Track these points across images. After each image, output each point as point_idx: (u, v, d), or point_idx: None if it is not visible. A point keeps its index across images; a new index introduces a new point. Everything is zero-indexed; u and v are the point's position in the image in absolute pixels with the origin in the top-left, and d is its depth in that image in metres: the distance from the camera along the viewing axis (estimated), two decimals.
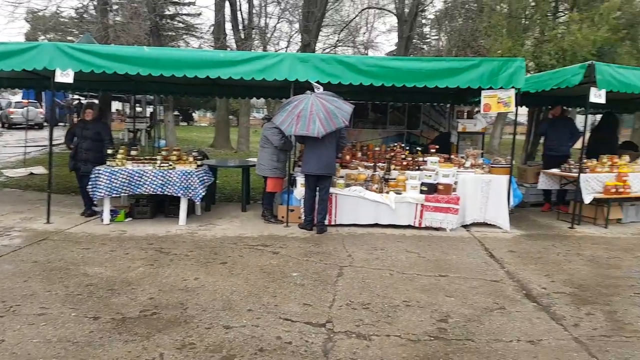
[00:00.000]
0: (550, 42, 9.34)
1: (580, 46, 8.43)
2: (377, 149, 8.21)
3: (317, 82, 6.36)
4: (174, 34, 21.67)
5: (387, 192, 6.73)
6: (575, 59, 8.53)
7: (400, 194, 6.71)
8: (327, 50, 22.46)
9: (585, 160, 7.36)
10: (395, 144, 8.31)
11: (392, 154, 7.80)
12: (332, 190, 6.55)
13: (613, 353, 3.30)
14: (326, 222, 6.54)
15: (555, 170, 7.78)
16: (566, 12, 10.49)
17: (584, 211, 7.34)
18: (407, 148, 8.16)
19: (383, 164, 7.31)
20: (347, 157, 7.53)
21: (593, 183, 7.17)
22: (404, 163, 7.40)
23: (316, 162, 6.20)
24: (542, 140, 9.54)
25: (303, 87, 6.56)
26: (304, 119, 5.97)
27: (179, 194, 6.53)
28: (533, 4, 10.32)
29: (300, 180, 6.74)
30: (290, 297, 4.14)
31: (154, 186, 6.48)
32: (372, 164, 7.35)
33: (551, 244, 6.19)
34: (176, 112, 30.22)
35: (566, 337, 3.56)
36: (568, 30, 9.06)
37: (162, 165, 6.58)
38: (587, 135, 8.16)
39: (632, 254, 5.77)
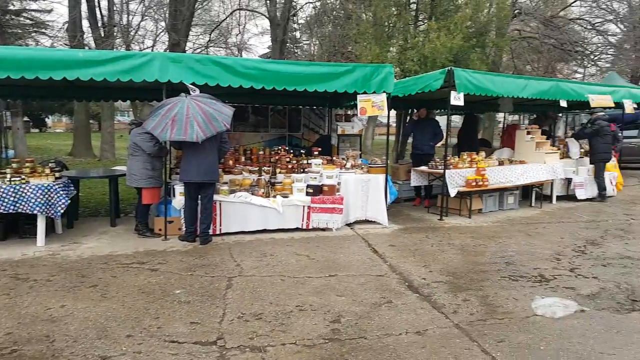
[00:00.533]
0: (413, 49, 10.13)
1: (439, 53, 9.26)
2: (261, 152, 8.08)
3: (193, 83, 6.01)
4: (20, 31, 19.07)
5: (274, 196, 6.63)
6: (435, 65, 9.35)
7: (287, 197, 6.66)
8: (198, 50, 21.69)
9: (448, 157, 8.07)
10: (279, 147, 8.27)
11: (277, 157, 7.74)
12: (215, 197, 6.25)
13: (490, 336, 3.59)
14: (210, 231, 6.22)
15: (423, 168, 8.42)
16: (425, 21, 11.47)
17: (450, 204, 8.04)
18: (291, 151, 8.17)
19: (268, 168, 7.20)
20: (231, 162, 7.28)
21: (456, 178, 7.89)
22: (289, 166, 7.38)
23: (196, 168, 5.85)
24: (410, 140, 10.26)
25: (177, 90, 6.15)
26: (179, 123, 5.58)
27: (36, 212, 5.69)
28: (396, 12, 11.09)
29: (179, 189, 6.32)
30: (175, 317, 3.82)
31: (4, 204, 5.56)
32: (257, 168, 7.20)
33: (425, 236, 6.65)
34: (26, 118, 26.70)
35: (448, 324, 3.79)
36: (428, 38, 9.90)
37: (13, 179, 5.67)
38: (457, 134, 8.96)
39: (494, 241, 6.44)
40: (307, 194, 6.76)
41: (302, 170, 7.27)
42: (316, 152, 7.73)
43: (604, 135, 9.52)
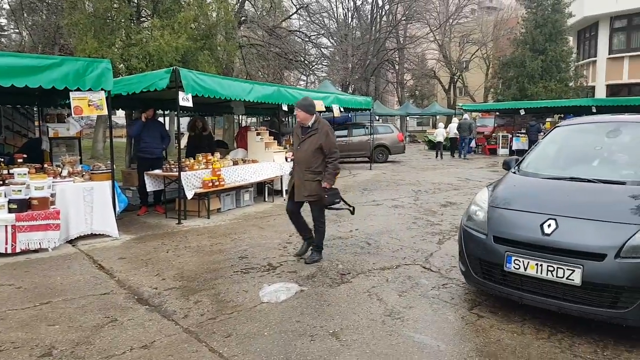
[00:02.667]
0: (137, 45, 9.55)
1: (164, 52, 8.98)
2: None
3: None
4: None
5: None
6: (162, 63, 9.04)
7: None
8: None
9: (183, 160, 7.92)
10: None
11: None
12: None
13: (219, 333, 3.59)
14: None
15: (157, 171, 8.05)
16: (148, 18, 10.97)
17: (189, 206, 7.92)
18: None
19: None
20: None
21: (193, 180, 7.81)
22: None
23: None
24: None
25: None
26: None
27: None
28: (116, 6, 10.27)
29: None
30: None
31: None
32: None
33: (161, 243, 6.35)
34: None
35: (177, 331, 3.64)
36: (152, 35, 9.48)
37: None
38: (186, 136, 8.78)
39: (230, 238, 6.60)
40: (10, 210, 5.60)
41: (1, 182, 5.97)
42: (20, 160, 6.47)
43: None
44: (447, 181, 12.42)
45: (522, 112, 20.89)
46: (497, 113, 24.44)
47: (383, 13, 33.70)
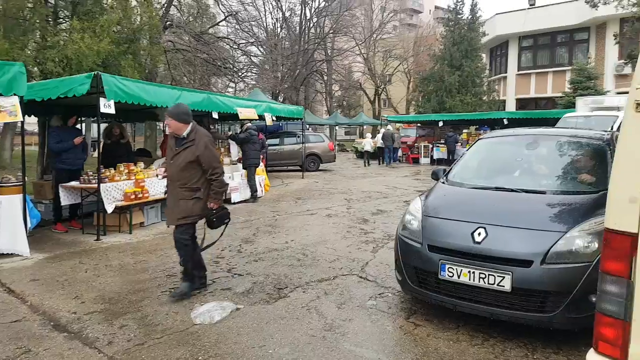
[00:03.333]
0: (54, 48, 8.84)
1: (84, 55, 8.38)
2: None
3: None
4: None
5: None
6: (82, 68, 8.43)
7: None
8: None
9: (103, 170, 7.39)
10: None
11: None
12: None
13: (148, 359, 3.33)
14: None
15: (74, 183, 7.43)
16: (67, 20, 10.22)
17: (108, 220, 7.37)
18: None
19: None
20: None
21: (113, 192, 7.30)
22: None
23: None
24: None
25: None
26: None
27: None
28: (30, 5, 9.46)
29: None
30: None
31: None
32: None
33: (78, 262, 5.83)
34: None
35: (101, 359, 3.33)
36: (71, 38, 8.83)
37: None
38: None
39: (156, 255, 6.22)
40: None
41: None
42: None
43: (253, 142, 10.82)
44: (377, 189, 12.71)
45: (441, 124, 22.03)
46: (419, 124, 25.60)
47: (311, 25, 34.18)
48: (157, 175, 8.32)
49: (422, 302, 4.31)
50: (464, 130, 22.81)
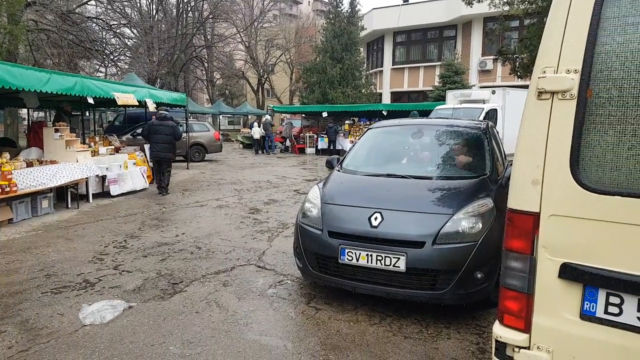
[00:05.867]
0: None
1: None
2: None
3: None
4: None
5: None
6: None
7: None
8: None
9: None
10: None
11: None
12: None
13: None
14: None
15: None
16: None
17: None
18: None
19: None
20: None
21: None
22: None
23: None
24: None
25: None
26: None
27: None
28: None
29: None
30: None
31: None
32: None
33: None
34: None
35: None
36: None
37: None
38: None
39: (31, 253, 5.52)
40: None
41: None
42: None
43: (156, 134, 9.83)
44: (266, 179, 12.68)
45: (325, 115, 22.72)
46: (304, 115, 26.05)
47: (189, 9, 32.62)
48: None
49: (321, 287, 4.43)
50: (346, 122, 23.77)
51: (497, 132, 5.85)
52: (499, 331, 1.92)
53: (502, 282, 1.92)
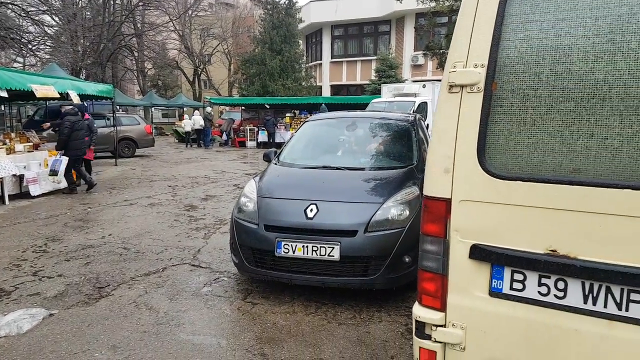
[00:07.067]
0: None
1: None
2: None
3: None
4: None
5: None
6: None
7: None
8: None
9: None
10: None
11: None
12: None
13: None
14: None
15: None
16: None
17: None
18: None
19: None
20: None
21: None
22: None
23: None
24: None
25: None
26: None
27: None
28: None
29: None
30: None
31: None
32: None
33: None
34: None
35: None
36: None
37: None
38: None
39: None
40: None
41: None
42: None
43: (77, 130, 9.22)
44: (204, 174, 12.36)
45: (268, 107, 22.53)
46: (243, 107, 25.62)
47: None
48: None
49: (258, 282, 4.39)
50: (287, 114, 23.67)
51: (425, 124, 6.06)
52: (418, 311, 2.00)
53: (420, 264, 2.00)
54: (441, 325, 1.94)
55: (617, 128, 1.57)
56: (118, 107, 22.72)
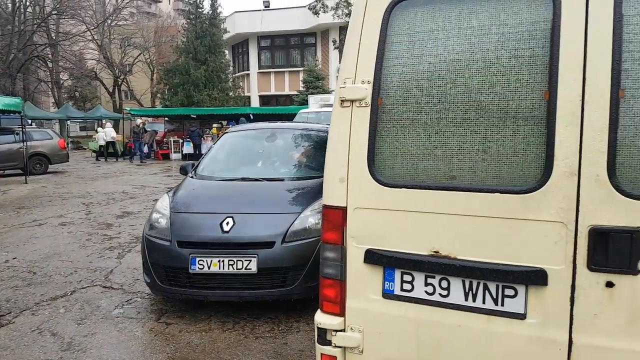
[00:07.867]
0: None
1: None
2: None
3: None
4: None
5: None
6: None
7: None
8: None
9: None
10: None
11: None
12: None
13: None
14: None
15: None
16: None
17: None
18: None
19: None
20: None
21: None
22: None
23: None
24: None
25: None
26: None
27: None
28: None
29: None
30: None
31: None
32: None
33: None
34: None
35: None
36: None
37: None
38: None
39: None
40: None
41: None
42: None
43: None
44: (121, 190, 11.78)
45: (195, 117, 21.99)
46: (167, 118, 24.79)
47: (28, 3, 28.97)
48: None
49: (174, 301, 4.24)
50: (214, 125, 23.22)
51: None
52: (320, 318, 2.05)
53: (321, 272, 2.06)
54: (341, 330, 1.99)
55: (483, 139, 1.72)
56: (30, 121, 21.16)
